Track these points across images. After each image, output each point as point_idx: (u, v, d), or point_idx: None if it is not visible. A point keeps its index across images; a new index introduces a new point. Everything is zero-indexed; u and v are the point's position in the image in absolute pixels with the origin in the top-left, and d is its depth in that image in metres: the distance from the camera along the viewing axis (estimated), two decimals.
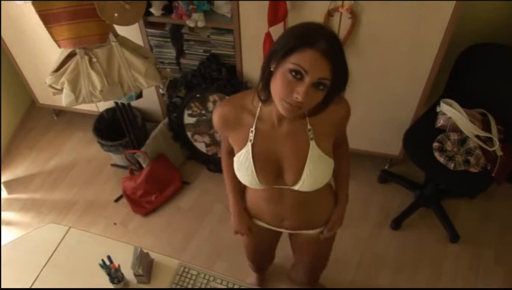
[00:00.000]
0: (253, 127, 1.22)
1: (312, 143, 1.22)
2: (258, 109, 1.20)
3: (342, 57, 1.03)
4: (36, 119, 3.13)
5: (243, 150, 1.24)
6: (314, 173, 1.23)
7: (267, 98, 1.14)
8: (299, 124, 1.21)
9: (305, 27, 1.04)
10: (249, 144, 1.23)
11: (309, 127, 1.21)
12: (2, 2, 2.33)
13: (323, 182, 1.28)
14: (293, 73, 1.01)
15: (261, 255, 1.87)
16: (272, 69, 1.06)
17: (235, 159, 1.28)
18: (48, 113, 3.13)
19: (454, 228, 2.36)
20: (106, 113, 2.71)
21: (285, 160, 1.25)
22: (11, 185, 2.76)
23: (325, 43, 0.99)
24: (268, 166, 1.25)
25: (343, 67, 1.04)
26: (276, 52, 1.04)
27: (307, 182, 1.25)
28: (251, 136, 1.22)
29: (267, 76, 1.09)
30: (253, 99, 1.21)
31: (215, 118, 1.27)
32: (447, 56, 2.03)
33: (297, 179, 1.25)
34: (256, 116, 1.21)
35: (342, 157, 1.43)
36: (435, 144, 2.10)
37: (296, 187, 1.27)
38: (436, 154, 2.07)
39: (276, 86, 1.05)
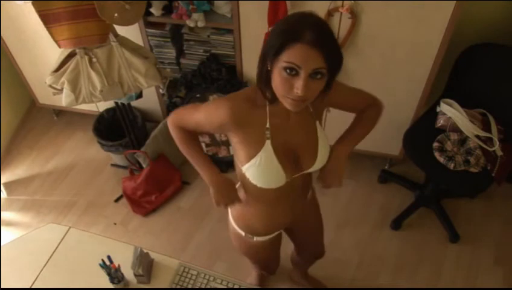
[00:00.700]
0: (268, 124, 1.19)
1: (317, 123, 1.25)
2: (267, 105, 1.18)
3: (332, 42, 1.03)
4: (36, 119, 3.13)
5: (260, 153, 1.19)
6: (324, 150, 1.27)
7: (274, 98, 1.12)
8: (303, 110, 1.19)
9: (289, 22, 1.03)
10: (268, 142, 1.19)
11: (311, 110, 1.24)
12: (2, 2, 2.33)
13: (328, 155, 1.30)
14: (288, 70, 1.01)
15: (272, 262, 1.86)
16: (269, 68, 1.07)
17: (249, 167, 1.21)
18: (48, 113, 3.13)
19: (454, 228, 2.36)
20: (106, 113, 2.71)
21: (300, 147, 1.26)
22: (11, 185, 2.76)
23: (311, 34, 0.98)
24: (287, 158, 1.25)
25: (335, 51, 1.03)
26: (267, 53, 1.04)
27: (320, 161, 1.27)
28: (267, 133, 1.19)
29: (265, 76, 1.09)
30: (260, 96, 1.17)
31: (226, 111, 1.16)
32: (447, 56, 2.03)
33: (314, 161, 1.27)
34: (268, 113, 1.18)
35: (373, 113, 1.40)
36: (435, 144, 2.10)
37: (312, 169, 1.29)
38: (436, 154, 2.07)
39: (276, 85, 1.06)
